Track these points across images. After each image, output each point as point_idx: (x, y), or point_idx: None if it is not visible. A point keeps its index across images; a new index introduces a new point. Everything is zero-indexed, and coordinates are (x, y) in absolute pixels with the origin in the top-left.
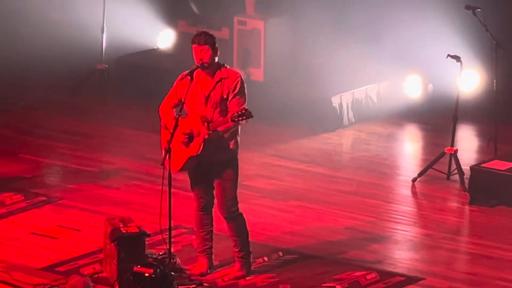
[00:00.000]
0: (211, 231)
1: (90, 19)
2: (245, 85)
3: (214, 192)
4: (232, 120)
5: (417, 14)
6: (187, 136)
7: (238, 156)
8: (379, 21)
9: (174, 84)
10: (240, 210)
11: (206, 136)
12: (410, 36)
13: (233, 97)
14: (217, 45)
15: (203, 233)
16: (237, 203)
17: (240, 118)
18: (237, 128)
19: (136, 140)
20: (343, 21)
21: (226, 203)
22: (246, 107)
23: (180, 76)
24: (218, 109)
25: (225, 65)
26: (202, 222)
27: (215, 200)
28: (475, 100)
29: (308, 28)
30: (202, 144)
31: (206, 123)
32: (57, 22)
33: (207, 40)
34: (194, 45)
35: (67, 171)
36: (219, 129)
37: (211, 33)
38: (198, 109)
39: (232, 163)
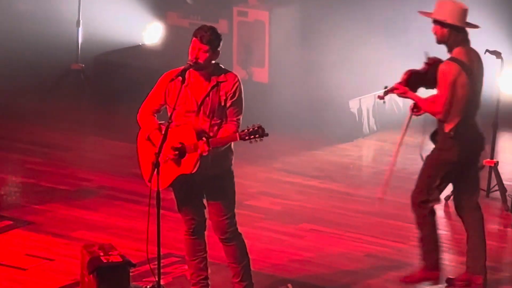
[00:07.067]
0: (205, 258)
1: (64, 11)
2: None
3: (207, 211)
4: (242, 138)
5: None
6: (177, 152)
7: (239, 171)
8: (404, 12)
9: (157, 84)
10: (239, 231)
11: (206, 153)
12: None
13: (231, 105)
14: (220, 48)
15: (196, 261)
16: (235, 222)
17: (252, 137)
18: None
19: (117, 153)
20: (362, 12)
21: (222, 223)
22: (259, 124)
23: (165, 75)
24: (215, 119)
25: (220, 64)
26: (194, 248)
27: (209, 221)
28: None
29: (320, 20)
30: (199, 161)
31: (205, 138)
32: (25, 14)
33: (211, 40)
34: (194, 39)
35: (37, 190)
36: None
37: (218, 31)
38: (188, 117)
39: (227, 176)
